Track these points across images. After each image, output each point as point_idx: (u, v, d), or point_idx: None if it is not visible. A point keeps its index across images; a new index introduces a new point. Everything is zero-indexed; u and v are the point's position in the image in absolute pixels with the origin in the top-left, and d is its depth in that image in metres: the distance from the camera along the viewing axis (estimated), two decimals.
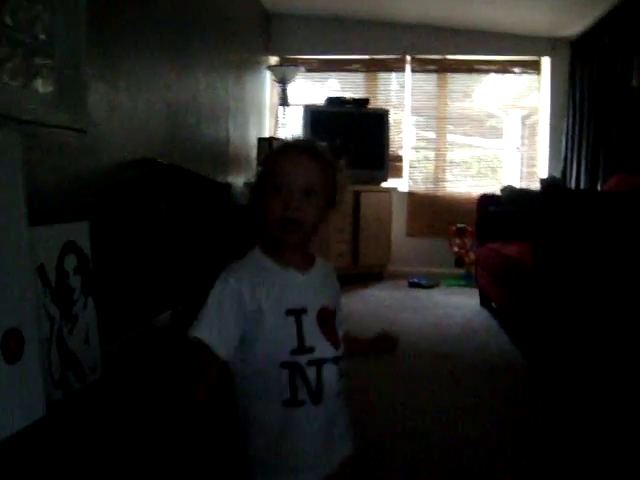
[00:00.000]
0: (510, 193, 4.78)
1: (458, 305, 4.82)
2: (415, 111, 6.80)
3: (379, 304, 4.72)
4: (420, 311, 4.53)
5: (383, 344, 1.46)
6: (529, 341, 3.36)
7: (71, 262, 2.60)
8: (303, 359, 1.20)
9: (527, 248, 3.22)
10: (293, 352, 1.20)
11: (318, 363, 1.21)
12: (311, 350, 1.21)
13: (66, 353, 2.53)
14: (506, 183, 5.84)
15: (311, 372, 1.20)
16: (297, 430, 1.20)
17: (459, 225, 6.04)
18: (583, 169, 5.66)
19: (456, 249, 6.10)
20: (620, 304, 2.71)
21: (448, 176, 6.80)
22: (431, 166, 6.83)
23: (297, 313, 1.22)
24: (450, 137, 6.84)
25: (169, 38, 3.86)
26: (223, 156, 5.14)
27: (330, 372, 1.22)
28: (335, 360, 1.24)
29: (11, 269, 2.18)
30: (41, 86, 2.58)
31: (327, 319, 1.28)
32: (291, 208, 1.21)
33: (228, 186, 4.16)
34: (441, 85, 6.77)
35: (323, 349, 1.23)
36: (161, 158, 3.59)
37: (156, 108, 3.69)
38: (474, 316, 4.41)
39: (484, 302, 4.78)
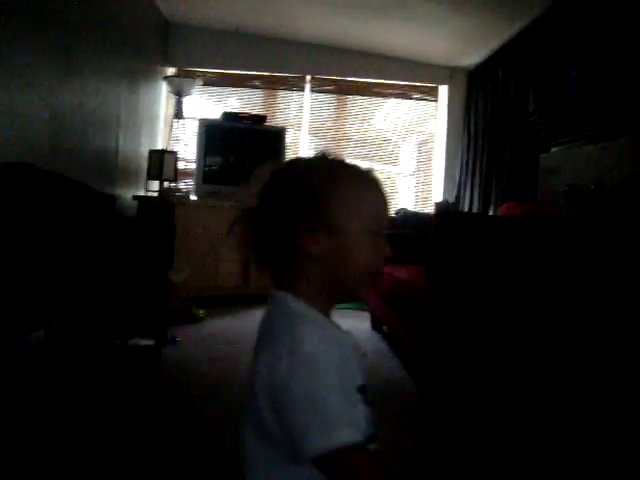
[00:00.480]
0: (404, 216, 4.77)
1: (349, 328, 4.72)
2: (313, 132, 6.75)
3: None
4: None
5: None
6: (420, 365, 3.30)
7: None
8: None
9: (420, 271, 3.17)
10: (369, 441, 0.92)
11: None
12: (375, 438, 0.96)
13: None
14: (403, 207, 5.84)
15: None
16: None
17: None
18: (476, 195, 5.75)
19: None
20: (511, 327, 2.68)
21: None
22: None
23: (364, 390, 0.98)
24: (348, 158, 6.80)
25: (55, 36, 3.61)
26: (111, 167, 4.88)
27: None
28: None
29: None
30: None
31: None
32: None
33: (113, 198, 3.93)
34: (340, 107, 6.76)
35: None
36: (42, 164, 3.34)
37: (38, 110, 3.43)
38: (365, 340, 4.34)
39: (375, 326, 4.72)
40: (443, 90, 6.63)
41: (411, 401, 2.97)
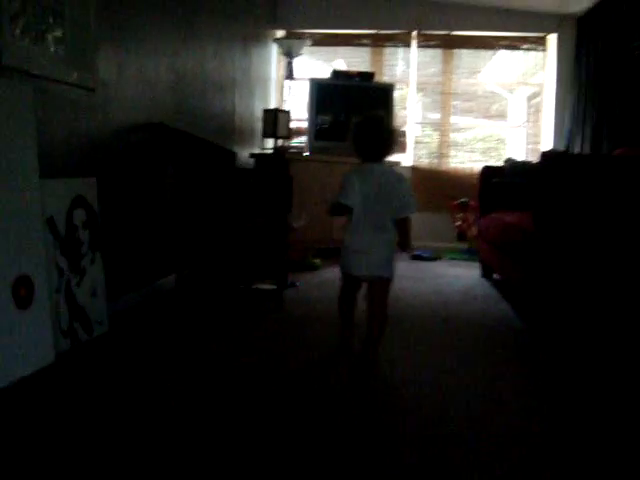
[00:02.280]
0: (512, 165, 4.82)
1: (460, 276, 4.87)
2: (420, 87, 6.82)
3: None
4: (422, 280, 4.59)
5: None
6: (528, 305, 3.42)
7: (80, 216, 2.66)
8: None
9: (528, 216, 3.27)
10: None
11: None
12: None
13: (74, 305, 2.59)
14: (511, 157, 5.86)
15: None
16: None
17: (462, 200, 6.08)
18: (587, 145, 5.69)
19: (459, 223, 6.15)
20: (618, 267, 2.76)
21: (452, 152, 6.83)
22: (435, 142, 6.86)
23: None
24: (455, 114, 6.86)
25: (177, 5, 3.89)
26: (229, 125, 5.18)
27: None
28: None
29: (22, 219, 2.24)
30: (51, 43, 2.61)
31: None
32: None
33: (233, 153, 4.21)
34: (447, 61, 6.79)
35: None
36: (168, 123, 3.64)
37: (164, 73, 3.73)
38: (475, 285, 4.47)
39: (486, 274, 4.83)
40: (552, 39, 6.53)
41: (519, 336, 3.10)
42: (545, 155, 3.04)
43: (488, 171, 4.84)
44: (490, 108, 6.90)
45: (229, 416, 1.97)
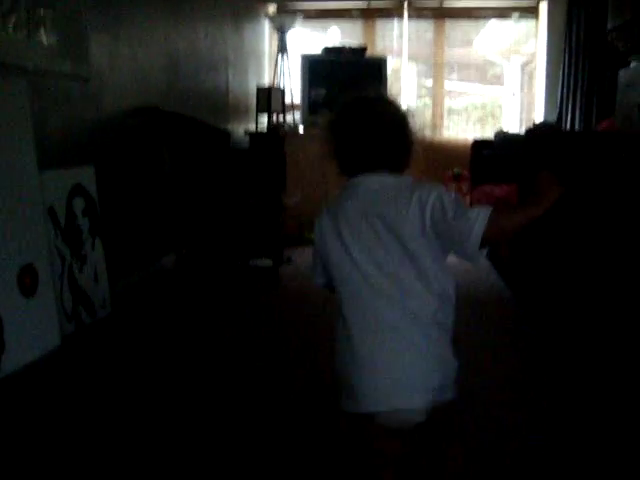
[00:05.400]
0: (502, 137, 4.89)
1: None
2: (413, 58, 6.85)
3: None
4: None
5: None
6: (516, 275, 3.52)
7: (79, 204, 2.76)
8: None
9: (515, 189, 3.36)
10: None
11: None
12: None
13: (77, 290, 2.70)
14: (502, 128, 5.92)
15: None
16: None
17: (455, 170, 6.15)
18: (578, 113, 5.75)
19: None
20: (603, 238, 2.85)
21: (446, 123, 6.88)
22: (429, 113, 6.91)
23: None
24: (448, 84, 6.90)
25: None
26: (222, 105, 5.24)
27: None
28: None
29: (24, 210, 2.34)
30: (44, 37, 2.68)
31: None
32: None
33: (228, 133, 4.29)
34: (439, 32, 6.80)
35: None
36: (162, 106, 3.72)
37: (156, 57, 3.79)
38: None
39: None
40: (543, 7, 6.53)
41: (507, 307, 3.21)
42: (528, 131, 3.12)
43: (478, 144, 4.92)
44: (485, 75, 6.93)
45: (230, 390, 2.09)
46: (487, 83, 6.95)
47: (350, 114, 1.38)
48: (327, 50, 6.18)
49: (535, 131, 3.76)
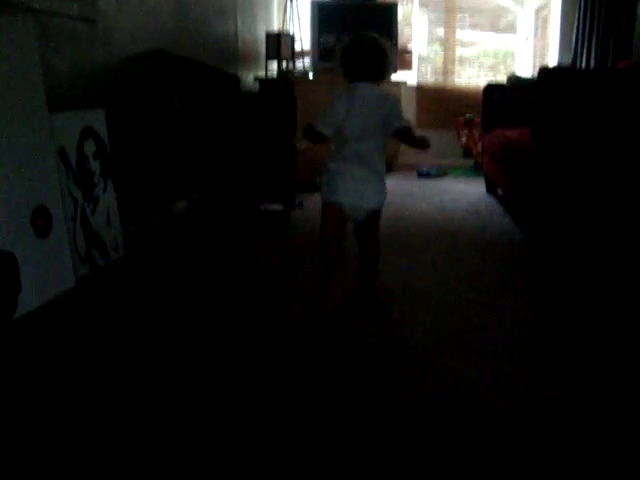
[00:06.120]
0: (515, 81, 4.84)
1: (465, 192, 4.96)
2: (424, 3, 6.74)
3: (388, 192, 4.85)
4: (428, 197, 4.68)
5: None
6: (528, 217, 3.52)
7: (90, 147, 2.76)
8: None
9: (528, 132, 3.33)
10: None
11: None
12: None
13: (90, 232, 2.72)
14: (514, 72, 5.85)
15: None
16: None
17: (467, 116, 6.10)
18: (593, 58, 5.66)
19: (464, 140, 6.18)
20: (613, 181, 2.84)
21: (458, 69, 6.80)
22: (440, 59, 6.82)
23: None
24: (460, 30, 6.80)
25: None
26: (232, 50, 5.19)
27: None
28: None
29: (35, 152, 2.34)
30: None
31: None
32: None
33: (237, 78, 4.25)
34: None
35: None
36: (171, 50, 3.69)
37: (165, 0, 3.75)
38: (479, 201, 4.56)
39: (490, 189, 4.91)
40: None
41: (518, 248, 3.22)
42: (542, 71, 3.08)
43: (490, 88, 4.86)
44: (498, 22, 6.82)
45: (237, 334, 2.12)
46: (500, 30, 6.83)
47: (353, 44, 2.29)
48: None
49: (549, 70, 3.72)
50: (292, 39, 5.88)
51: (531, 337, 2.07)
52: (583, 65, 5.84)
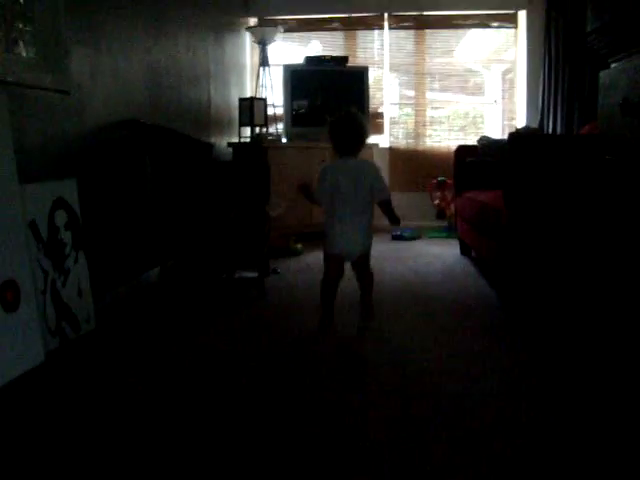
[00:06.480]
0: (486, 143, 4.91)
1: (440, 255, 4.97)
2: (395, 68, 6.88)
3: None
4: (403, 260, 4.69)
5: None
6: (502, 280, 3.52)
7: (61, 218, 2.73)
8: None
9: (500, 195, 3.36)
10: None
11: None
12: None
13: (60, 304, 2.67)
14: (485, 134, 5.95)
15: None
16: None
17: (439, 178, 6.18)
18: (559, 119, 5.79)
19: (437, 202, 6.25)
20: (586, 243, 2.86)
21: (429, 131, 6.91)
22: (412, 122, 6.94)
23: None
24: (430, 93, 6.94)
25: (147, 1, 3.94)
26: (205, 117, 5.23)
27: None
28: None
29: (5, 224, 2.31)
30: (23, 50, 2.66)
31: None
32: None
33: (210, 145, 4.28)
34: (420, 42, 6.85)
35: None
36: (144, 119, 3.70)
37: (137, 70, 3.78)
38: (454, 264, 4.57)
39: (464, 251, 4.94)
40: (522, 16, 6.59)
41: (495, 314, 3.21)
42: (511, 135, 3.14)
43: (462, 150, 4.93)
44: (467, 84, 6.97)
45: (219, 398, 2.07)
46: (468, 92, 6.99)
47: (339, 124, 2.80)
48: (309, 59, 6.21)
49: (518, 135, 3.79)
50: (265, 104, 5.95)
51: (509, 407, 2.04)
52: (550, 126, 5.98)
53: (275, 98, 6.24)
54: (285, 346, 2.69)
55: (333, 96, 6.15)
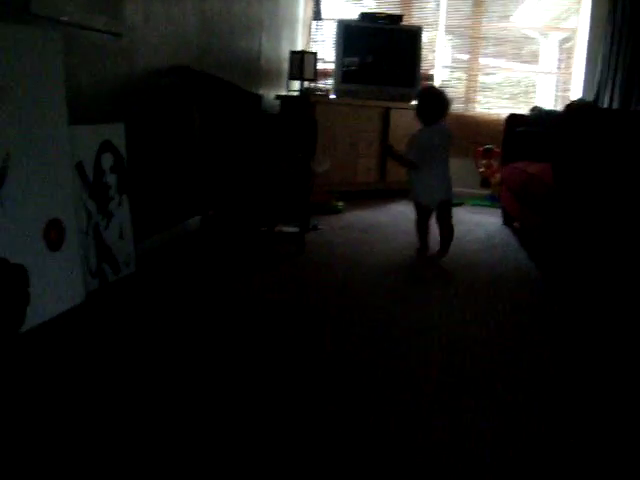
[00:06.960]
0: (538, 114, 4.80)
1: (481, 223, 4.92)
2: (449, 30, 6.73)
3: (403, 218, 4.80)
4: None
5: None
6: (545, 255, 3.47)
7: (107, 161, 2.74)
8: None
9: (549, 167, 3.29)
10: None
11: None
12: None
13: (102, 246, 2.70)
14: (537, 105, 5.81)
15: None
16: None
17: (487, 146, 6.07)
18: (617, 94, 5.63)
19: (482, 169, 6.15)
20: (631, 217, 2.80)
21: (479, 97, 6.78)
22: (462, 87, 6.81)
23: None
24: (483, 58, 6.78)
25: None
26: (255, 68, 5.19)
27: None
28: None
29: (52, 165, 2.33)
30: None
31: None
32: None
33: (259, 97, 4.24)
34: (477, 4, 6.67)
35: None
36: (194, 66, 3.68)
37: (190, 16, 3.74)
38: (495, 233, 4.52)
39: (507, 221, 4.87)
40: None
41: (533, 286, 3.17)
42: (569, 107, 3.05)
43: (513, 119, 4.83)
44: (521, 52, 6.79)
45: (251, 350, 2.08)
46: (523, 60, 6.80)
47: (425, 97, 3.65)
48: (363, 15, 6.07)
49: (575, 107, 3.69)
50: (315, 58, 5.87)
51: (545, 380, 2.02)
52: (606, 101, 5.81)
53: (326, 53, 6.16)
54: (316, 305, 2.69)
55: (385, 55, 6.05)
